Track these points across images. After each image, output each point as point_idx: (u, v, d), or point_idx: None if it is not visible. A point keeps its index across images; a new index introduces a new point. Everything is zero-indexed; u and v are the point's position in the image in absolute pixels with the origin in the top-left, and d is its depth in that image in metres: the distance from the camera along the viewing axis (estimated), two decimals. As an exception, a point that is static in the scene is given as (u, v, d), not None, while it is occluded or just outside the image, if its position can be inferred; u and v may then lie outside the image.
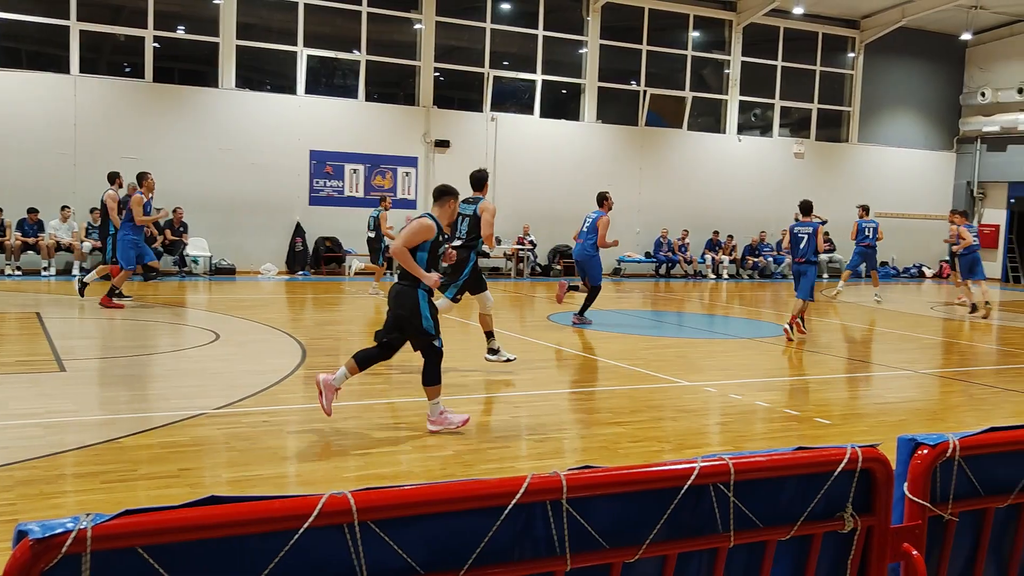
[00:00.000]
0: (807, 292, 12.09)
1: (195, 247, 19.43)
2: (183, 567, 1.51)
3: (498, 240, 19.63)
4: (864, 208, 18.78)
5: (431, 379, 6.46)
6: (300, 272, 20.37)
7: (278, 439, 6.30)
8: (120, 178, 14.62)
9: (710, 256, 24.59)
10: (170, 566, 1.49)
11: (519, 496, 1.74)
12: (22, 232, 18.01)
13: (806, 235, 12.09)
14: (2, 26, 18.57)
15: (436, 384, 6.46)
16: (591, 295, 13.14)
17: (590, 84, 23.66)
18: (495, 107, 22.61)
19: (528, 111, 23.17)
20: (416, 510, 1.69)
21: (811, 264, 12.13)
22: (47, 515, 4.23)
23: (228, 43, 19.95)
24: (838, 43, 26.94)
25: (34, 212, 18.07)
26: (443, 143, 21.85)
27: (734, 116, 25.52)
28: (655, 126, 24.42)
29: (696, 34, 25.05)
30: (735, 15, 25.11)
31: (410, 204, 21.76)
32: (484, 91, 22.44)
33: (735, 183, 25.32)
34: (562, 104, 23.97)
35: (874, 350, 12.45)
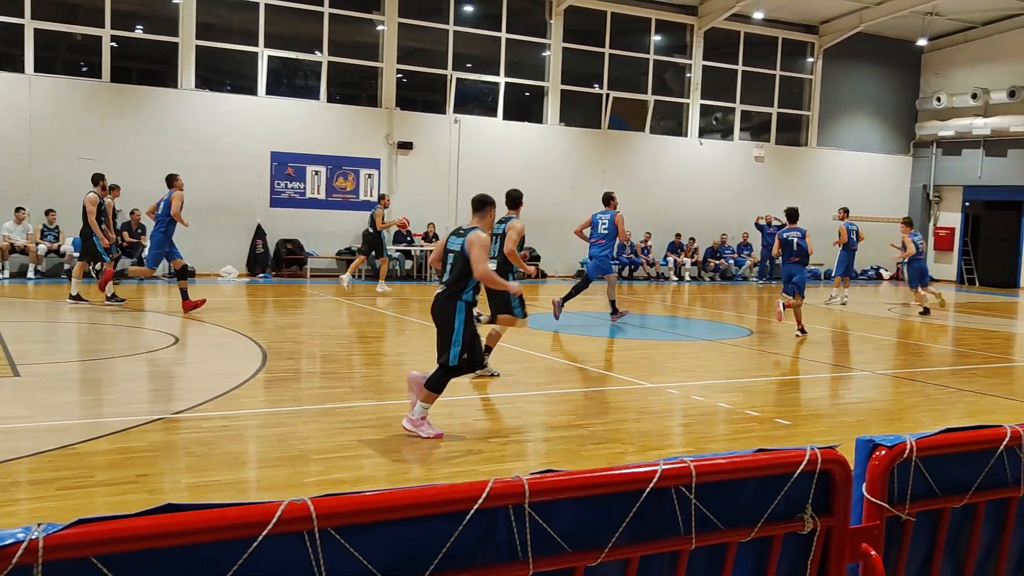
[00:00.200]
0: (802, 290, 13.02)
1: (154, 249, 19.14)
2: (139, 577, 1.48)
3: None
4: (845, 211, 19.08)
5: (434, 386, 6.44)
6: (261, 275, 20.18)
7: (238, 444, 6.23)
8: (103, 180, 14.42)
9: (672, 258, 24.75)
10: (125, 576, 1.47)
11: (481, 501, 1.74)
12: (-25, 234, 17.65)
13: (795, 239, 13.01)
14: (-46, 24, 18.20)
15: (436, 393, 6.46)
16: (580, 287, 13.72)
17: (553, 87, 23.72)
18: (458, 109, 22.58)
19: (491, 113, 23.17)
20: (377, 516, 1.68)
21: (802, 265, 13.00)
22: None
23: (187, 43, 19.71)
24: (797, 48, 27.28)
25: (-13, 213, 17.72)
26: (406, 145, 21.78)
27: (695, 120, 25.73)
28: (618, 129, 24.55)
29: (658, 38, 25.22)
30: (696, 19, 25.32)
31: (372, 206, 21.61)
32: (447, 93, 22.40)
33: (697, 186, 25.52)
34: (525, 107, 24.00)
35: (833, 351, 12.61)
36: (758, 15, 25.10)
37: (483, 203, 6.77)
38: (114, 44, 19.32)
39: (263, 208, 20.45)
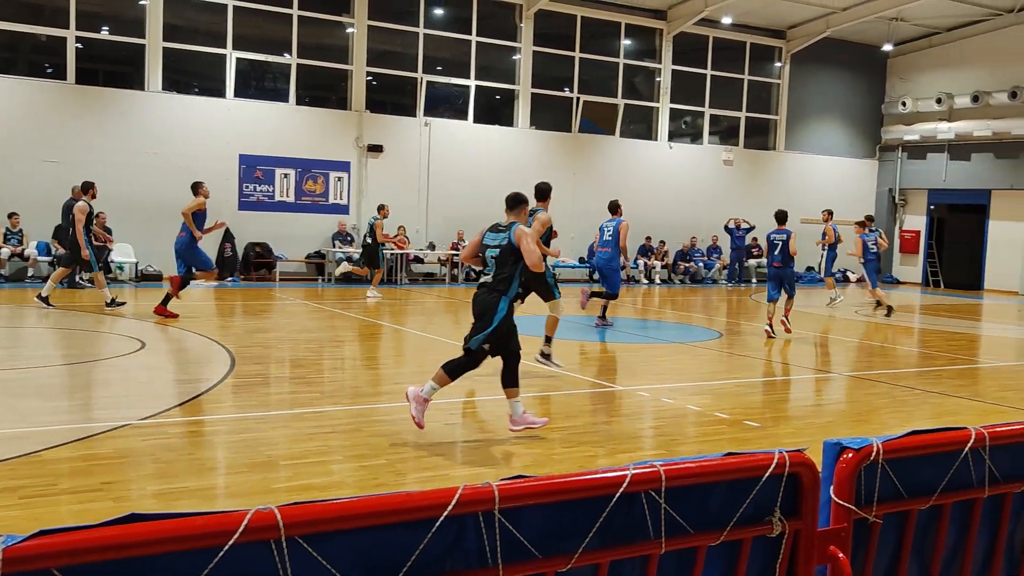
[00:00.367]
0: (793, 290, 13.49)
1: (120, 253, 18.95)
2: (101, 589, 1.46)
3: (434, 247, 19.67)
4: (829, 212, 18.55)
5: (509, 381, 6.63)
6: (229, 278, 20.00)
7: (206, 450, 6.16)
8: (93, 188, 14.22)
9: (643, 261, 24.86)
10: (88, 588, 1.44)
11: (451, 508, 1.72)
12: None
13: (781, 241, 13.34)
14: (-86, 24, 17.88)
15: (515, 386, 6.63)
16: (607, 298, 14.01)
17: (524, 90, 23.75)
18: (428, 112, 22.54)
19: (462, 116, 23.15)
20: (345, 524, 1.66)
21: (788, 267, 13.37)
22: (-40, 533, 4.05)
23: (154, 45, 19.51)
24: (765, 53, 27.53)
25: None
26: (376, 148, 21.70)
27: (665, 123, 25.87)
28: (588, 132, 24.63)
29: (628, 42, 25.34)
30: (666, 24, 25.47)
31: (342, 209, 21.56)
32: (417, 96, 22.35)
33: (666, 189, 25.66)
34: (496, 110, 24.00)
35: (801, 353, 12.72)
36: (726, 20, 25.31)
37: (517, 200, 6.94)
38: (79, 45, 19.08)
39: (231, 211, 20.27)
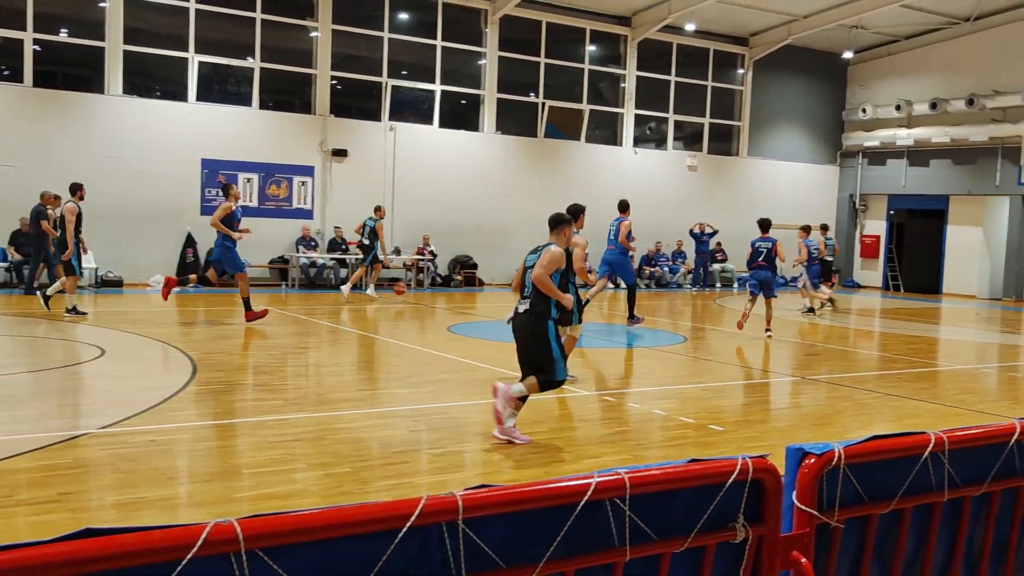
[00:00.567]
0: (773, 292, 14.30)
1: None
2: (54, 606, 1.42)
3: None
4: (823, 226, 19.91)
5: (532, 388, 6.67)
6: (191, 285, 19.72)
7: (167, 459, 6.07)
8: (81, 190, 14.08)
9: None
10: (39, 606, 1.40)
11: (414, 519, 1.71)
12: None
13: (766, 249, 14.21)
14: None
15: (522, 401, 6.69)
16: (631, 295, 14.46)
17: (489, 95, 23.76)
18: (394, 116, 22.47)
19: (427, 121, 23.10)
20: (306, 536, 1.64)
21: (772, 272, 14.27)
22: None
23: (115, 48, 19.25)
24: (728, 60, 27.79)
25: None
26: (340, 152, 21.59)
27: (630, 129, 26.01)
28: (554, 138, 24.69)
29: (592, 48, 25.45)
30: (630, 30, 25.63)
31: (306, 214, 21.41)
32: (382, 100, 22.27)
33: (631, 195, 25.56)
34: (462, 115, 23.99)
35: (764, 357, 12.83)
36: (690, 27, 25.52)
37: (557, 222, 7.02)
38: (37, 48, 18.78)
39: (194, 216, 20.06)
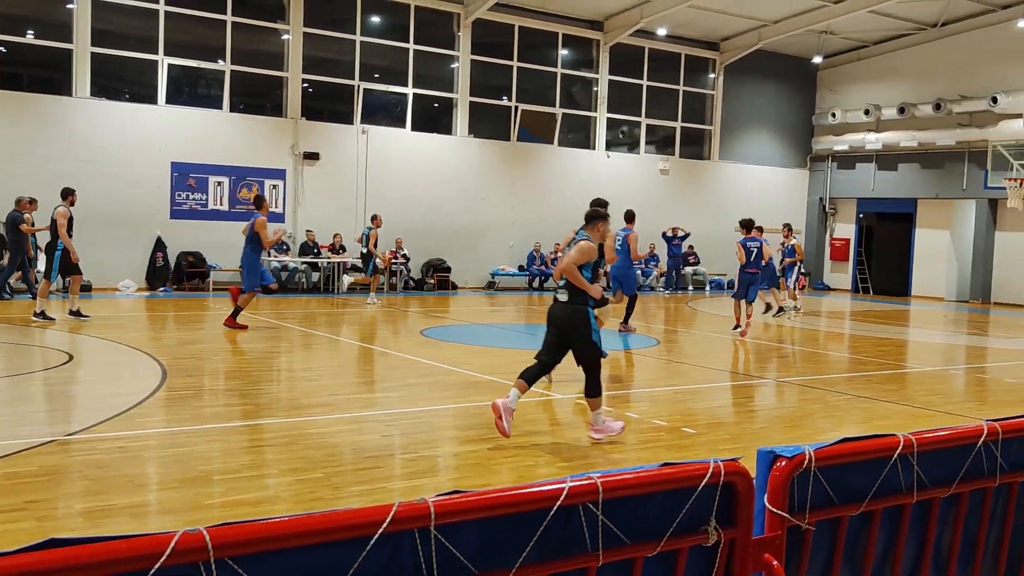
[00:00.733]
0: (755, 296, 14.86)
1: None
2: (17, 619, 1.39)
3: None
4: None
5: (593, 391, 6.93)
6: (161, 288, 19.59)
7: (136, 466, 6.00)
8: (72, 195, 14.03)
9: (581, 269, 24.97)
10: (2, 619, 1.38)
11: (385, 525, 1.69)
12: None
13: (755, 248, 14.77)
14: None
15: (598, 396, 6.93)
16: (631, 304, 14.57)
17: (462, 99, 23.74)
18: (366, 120, 22.40)
19: (400, 124, 23.05)
20: (276, 544, 1.62)
21: (758, 272, 14.91)
22: None
23: (82, 50, 19.03)
24: (699, 64, 27.97)
25: None
26: (312, 155, 21.48)
27: (603, 133, 26.10)
28: (527, 141, 24.72)
29: (565, 52, 25.52)
30: (602, 35, 25.72)
31: (278, 217, 21.27)
32: (354, 103, 22.19)
33: (604, 198, 25.80)
34: (434, 118, 23.96)
35: (736, 360, 12.91)
36: (661, 31, 25.66)
37: (593, 217, 7.22)
38: (2, 49, 18.54)
39: (163, 220, 19.88)
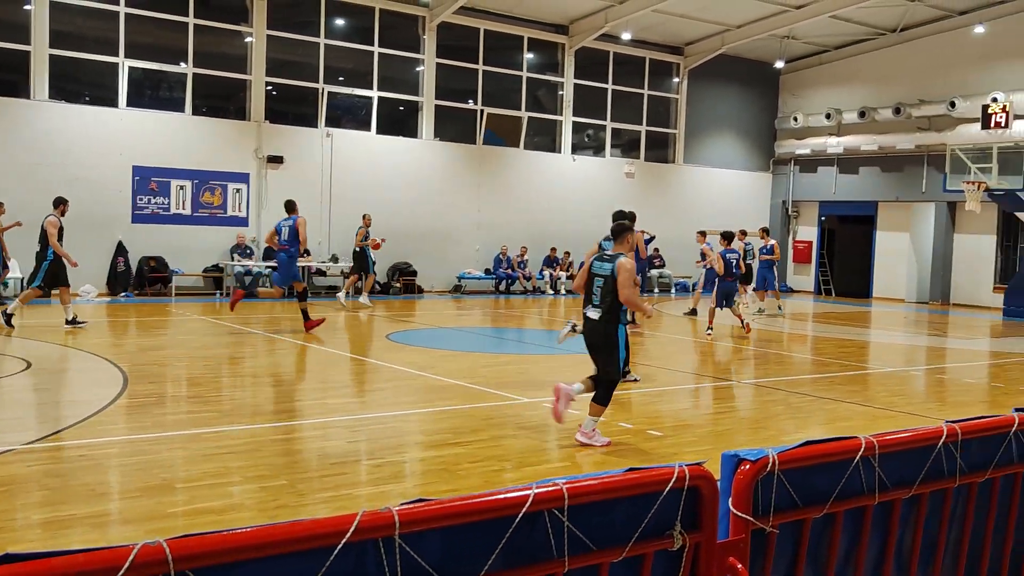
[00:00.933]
0: (731, 303, 15.70)
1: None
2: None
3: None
4: (764, 230, 20.82)
5: (603, 399, 7.13)
6: (123, 294, 19.31)
7: (96, 474, 5.91)
8: (64, 204, 14.03)
9: (548, 272, 25.05)
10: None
11: (349, 535, 1.68)
12: None
13: (735, 259, 15.66)
14: None
15: (605, 406, 7.14)
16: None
17: (427, 102, 23.69)
18: (331, 123, 22.26)
19: (365, 127, 22.94)
20: (238, 555, 1.60)
21: (735, 280, 15.86)
22: None
23: (40, 51, 18.72)
24: (663, 68, 28.15)
25: None
26: (276, 159, 21.30)
27: (568, 136, 26.17)
28: (493, 144, 24.72)
29: (531, 56, 25.56)
30: (567, 39, 25.80)
31: (241, 221, 21.08)
32: (319, 106, 22.06)
33: (570, 201, 25.94)
34: (400, 121, 23.87)
35: (701, 362, 13.00)
36: (626, 36, 25.79)
37: (620, 230, 7.37)
38: (-42, 51, 18.19)
39: (124, 224, 19.60)
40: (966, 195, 22.46)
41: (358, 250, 18.91)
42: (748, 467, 2.27)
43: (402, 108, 23.82)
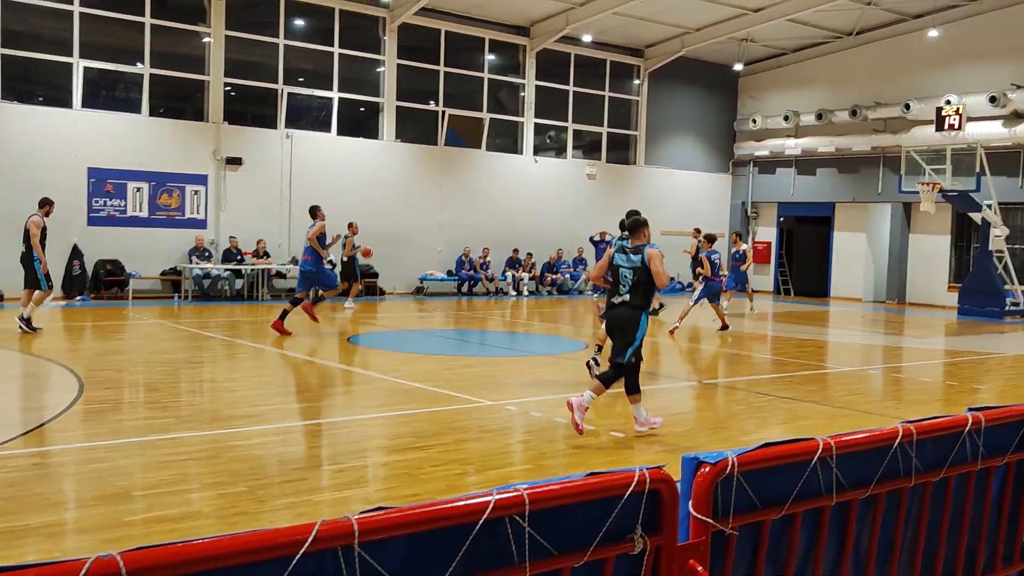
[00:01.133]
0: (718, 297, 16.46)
1: (-45, 272, 17.69)
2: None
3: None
4: (737, 234, 21.17)
5: (606, 381, 7.38)
6: (78, 297, 18.99)
7: (51, 483, 5.80)
8: (49, 205, 13.79)
9: (511, 273, 25.07)
10: None
11: (308, 545, 1.66)
12: None
13: (717, 260, 16.42)
14: None
15: (607, 387, 7.41)
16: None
17: (388, 103, 23.59)
18: (290, 124, 22.09)
19: (325, 128, 22.79)
20: (193, 568, 1.58)
21: (720, 280, 16.61)
22: None
23: (-8, 51, 18.37)
24: (624, 70, 28.32)
25: None
26: (235, 160, 21.08)
27: (530, 138, 26.22)
28: (454, 146, 24.68)
29: (492, 57, 25.57)
30: (528, 40, 25.85)
31: (199, 224, 20.83)
32: (278, 107, 21.87)
33: (533, 202, 25.99)
34: (360, 122, 23.75)
35: (664, 362, 13.08)
36: (587, 38, 25.90)
37: (636, 225, 7.59)
38: (-94, 50, 17.77)
39: (80, 227, 19.28)
40: (921, 196, 22.84)
41: (346, 259, 19.00)
42: (708, 470, 2.28)
43: (363, 109, 23.70)
